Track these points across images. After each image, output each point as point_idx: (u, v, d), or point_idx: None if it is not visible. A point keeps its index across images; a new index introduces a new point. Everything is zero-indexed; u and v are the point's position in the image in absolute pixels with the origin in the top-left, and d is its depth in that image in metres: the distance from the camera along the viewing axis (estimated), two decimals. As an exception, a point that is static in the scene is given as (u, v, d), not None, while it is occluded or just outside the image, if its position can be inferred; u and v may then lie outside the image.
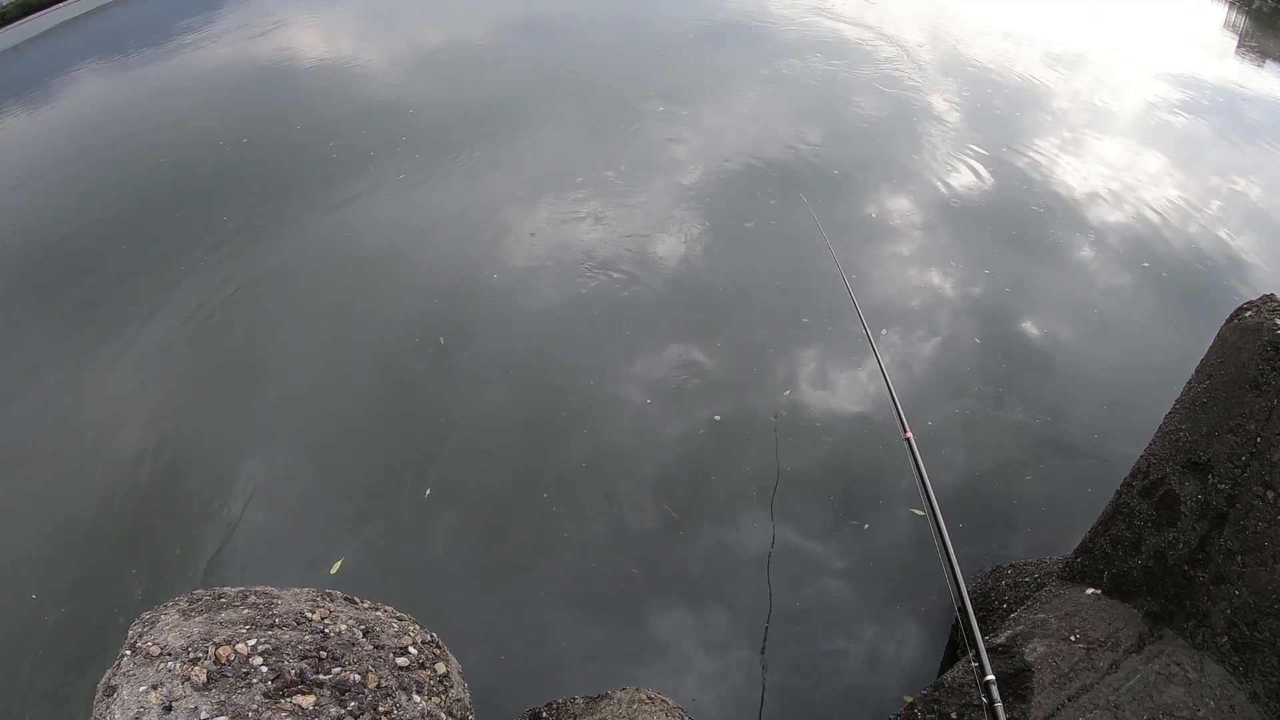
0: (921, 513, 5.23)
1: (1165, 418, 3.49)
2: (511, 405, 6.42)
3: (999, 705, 2.27)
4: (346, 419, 6.42)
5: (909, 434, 3.48)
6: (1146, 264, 8.06)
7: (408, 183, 9.62)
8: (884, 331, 7.00)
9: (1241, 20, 21.31)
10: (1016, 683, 3.15)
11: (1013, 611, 3.84)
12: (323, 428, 6.36)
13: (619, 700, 3.14)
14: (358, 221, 8.95)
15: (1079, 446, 6.04)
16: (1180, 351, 5.57)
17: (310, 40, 17.00)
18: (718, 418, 6.20)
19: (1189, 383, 3.41)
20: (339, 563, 5.33)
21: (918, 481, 3.15)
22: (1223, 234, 8.92)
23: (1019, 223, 8.78)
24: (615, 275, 7.68)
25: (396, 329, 7.21)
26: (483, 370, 6.75)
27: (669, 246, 8.12)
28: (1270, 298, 3.28)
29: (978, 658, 2.41)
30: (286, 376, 6.90)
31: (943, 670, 4.42)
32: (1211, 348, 3.34)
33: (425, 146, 10.49)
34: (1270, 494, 3.01)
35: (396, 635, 2.19)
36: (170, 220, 9.53)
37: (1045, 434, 6.15)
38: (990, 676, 2.33)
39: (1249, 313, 3.23)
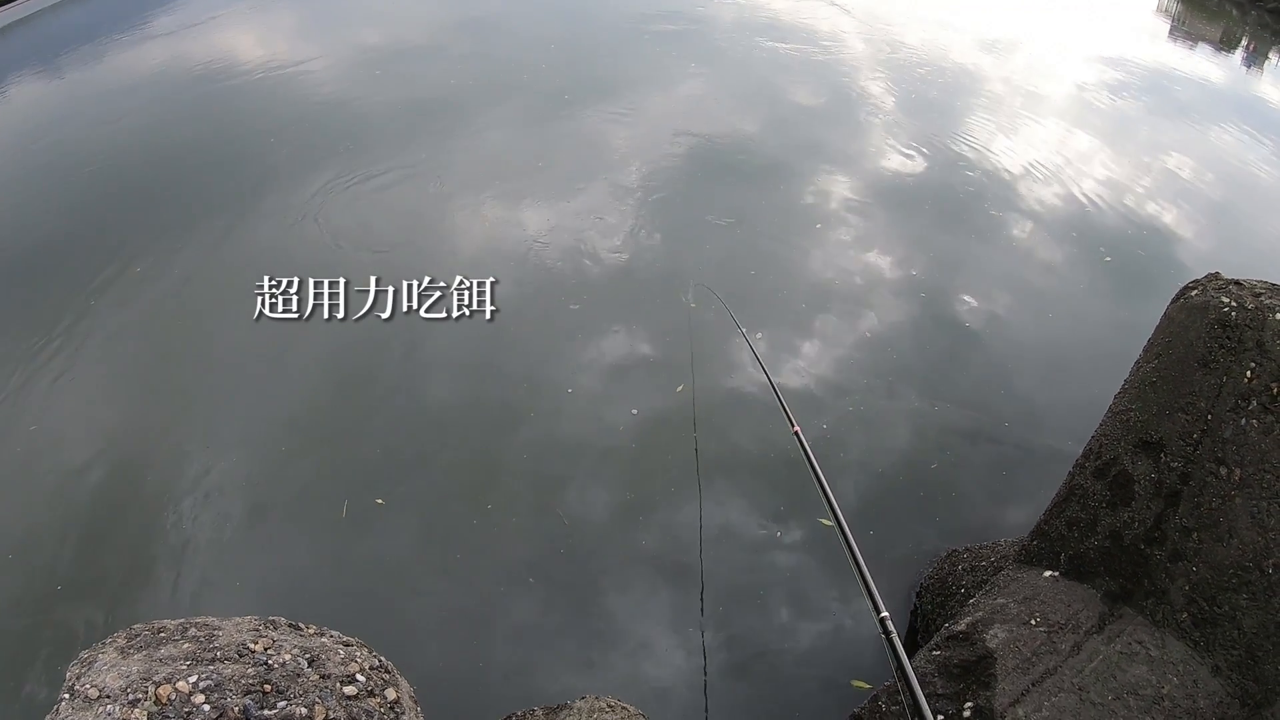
0: (830, 523, 5.25)
1: (1115, 398, 3.51)
2: (453, 410, 6.32)
3: (895, 635, 2.25)
4: (285, 429, 6.26)
5: (796, 428, 3.49)
6: (1109, 258, 8.12)
7: (349, 184, 9.43)
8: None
9: (1173, 4, 21.70)
10: (980, 669, 3.14)
11: (971, 597, 3.84)
12: (263, 441, 6.19)
13: (579, 710, 3.10)
14: (301, 224, 8.76)
15: (1014, 434, 6.09)
16: (1124, 331, 5.64)
17: (247, 43, 16.69)
18: (635, 412, 6.16)
19: (1137, 362, 3.43)
20: (345, 504, 5.38)
21: (812, 475, 3.12)
22: (1161, 214, 9.08)
23: (958, 206, 8.83)
24: (557, 270, 7.60)
25: (333, 335, 7.06)
26: (424, 373, 6.64)
27: (608, 240, 8.05)
28: (1215, 276, 3.30)
29: (871, 597, 2.40)
30: (228, 385, 6.73)
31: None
32: (1159, 327, 3.36)
33: (368, 146, 10.29)
34: (1223, 470, 3.03)
35: (343, 662, 2.11)
36: (107, 224, 9.23)
37: (983, 421, 6.20)
38: (885, 614, 2.32)
39: (1195, 291, 3.25)
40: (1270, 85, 15.75)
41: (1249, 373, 3.02)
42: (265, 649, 2.09)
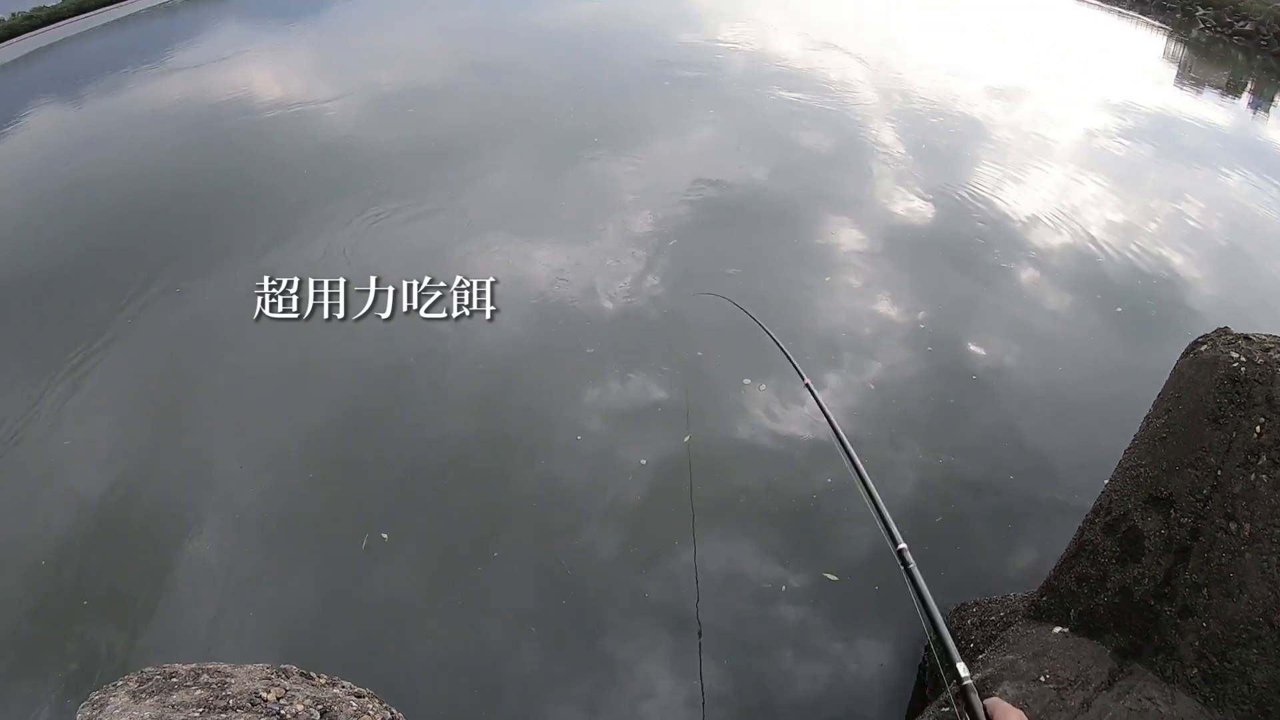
0: (835, 577, 5.22)
1: (1125, 453, 3.51)
2: (464, 452, 6.33)
3: (913, 567, 2.17)
4: (305, 459, 6.29)
5: (807, 380, 3.51)
6: (1119, 309, 8.10)
7: (360, 224, 9.50)
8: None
9: (1180, 50, 21.87)
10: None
11: (981, 652, 3.82)
12: (272, 481, 6.20)
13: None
14: (315, 261, 8.83)
15: (1021, 486, 6.06)
16: (1133, 381, 5.63)
17: (274, 79, 16.89)
18: (643, 462, 6.15)
19: (1147, 418, 3.43)
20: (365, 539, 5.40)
21: (829, 424, 3.07)
22: (1171, 259, 9.09)
23: (967, 254, 8.84)
24: (571, 314, 7.65)
25: (349, 373, 7.12)
26: (437, 412, 6.67)
27: (620, 288, 8.10)
28: (1224, 331, 3.31)
29: (888, 530, 2.34)
30: (239, 420, 6.77)
31: (911, 714, 4.41)
32: (1168, 382, 3.36)
33: (380, 188, 10.37)
34: (1233, 525, 3.03)
35: (355, 715, 2.11)
36: (139, 248, 9.37)
37: (989, 473, 6.16)
38: (902, 545, 2.25)
39: (1204, 346, 3.26)
40: (1277, 129, 15.86)
41: (1259, 428, 3.02)
42: (278, 698, 2.10)
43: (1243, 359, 3.12)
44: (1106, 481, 3.61)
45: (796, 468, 6.06)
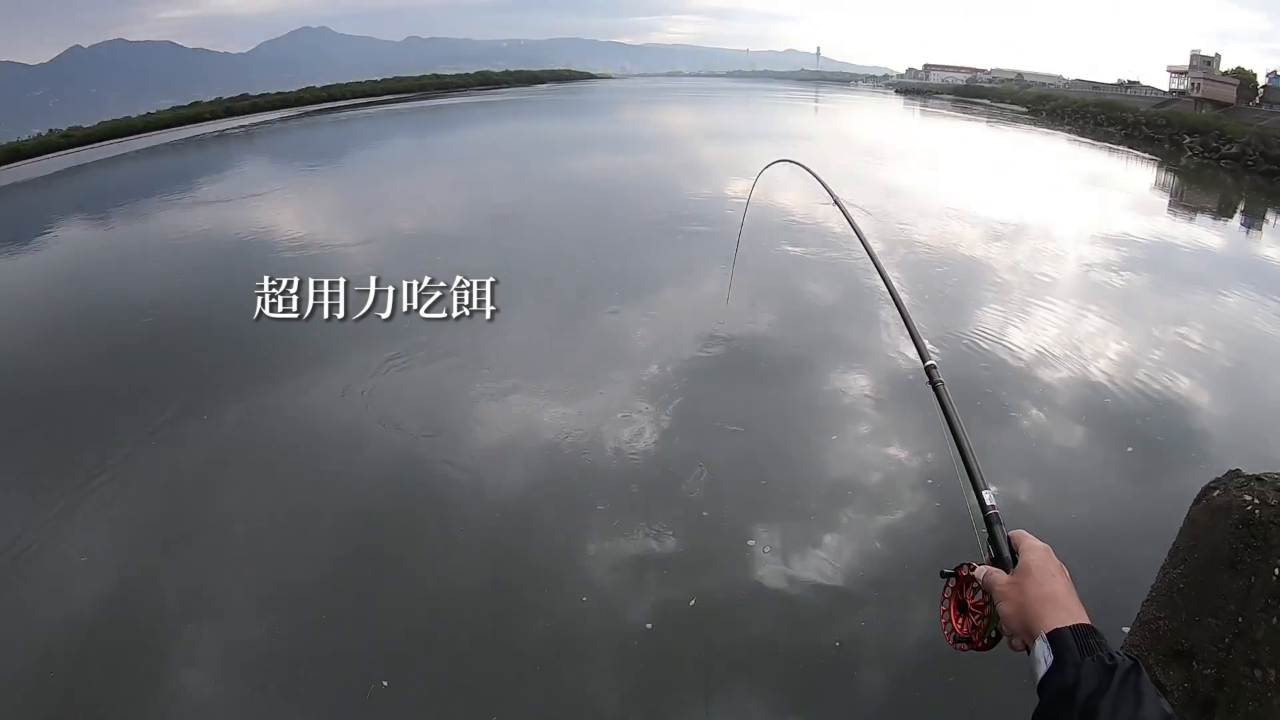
0: None
1: (1142, 605, 3.44)
2: (468, 604, 6.25)
3: (943, 385, 2.14)
4: (306, 608, 6.22)
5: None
6: (1130, 449, 8.03)
7: (382, 367, 9.69)
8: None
9: (1171, 178, 22.51)
10: None
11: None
12: (278, 618, 6.13)
13: None
14: (334, 401, 8.98)
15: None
16: (1148, 524, 5.55)
17: (287, 219, 17.54)
18: (649, 626, 6.01)
19: (1163, 568, 3.38)
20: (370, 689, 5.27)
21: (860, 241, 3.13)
22: (1176, 387, 9.16)
23: (973, 399, 8.82)
24: (585, 468, 7.67)
25: (360, 513, 7.16)
26: (441, 564, 6.62)
27: (632, 444, 8.15)
28: (1236, 473, 3.29)
29: (917, 345, 2.33)
30: (252, 549, 6.79)
31: None
32: (1182, 531, 3.33)
33: (402, 333, 10.60)
34: (1258, 673, 2.96)
35: None
36: (141, 381, 9.64)
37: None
38: (931, 362, 2.21)
39: (1217, 491, 3.24)
40: (1270, 246, 16.16)
41: (1277, 570, 2.98)
42: None
43: (1256, 501, 3.09)
44: (1126, 631, 3.54)
45: (803, 629, 5.94)
